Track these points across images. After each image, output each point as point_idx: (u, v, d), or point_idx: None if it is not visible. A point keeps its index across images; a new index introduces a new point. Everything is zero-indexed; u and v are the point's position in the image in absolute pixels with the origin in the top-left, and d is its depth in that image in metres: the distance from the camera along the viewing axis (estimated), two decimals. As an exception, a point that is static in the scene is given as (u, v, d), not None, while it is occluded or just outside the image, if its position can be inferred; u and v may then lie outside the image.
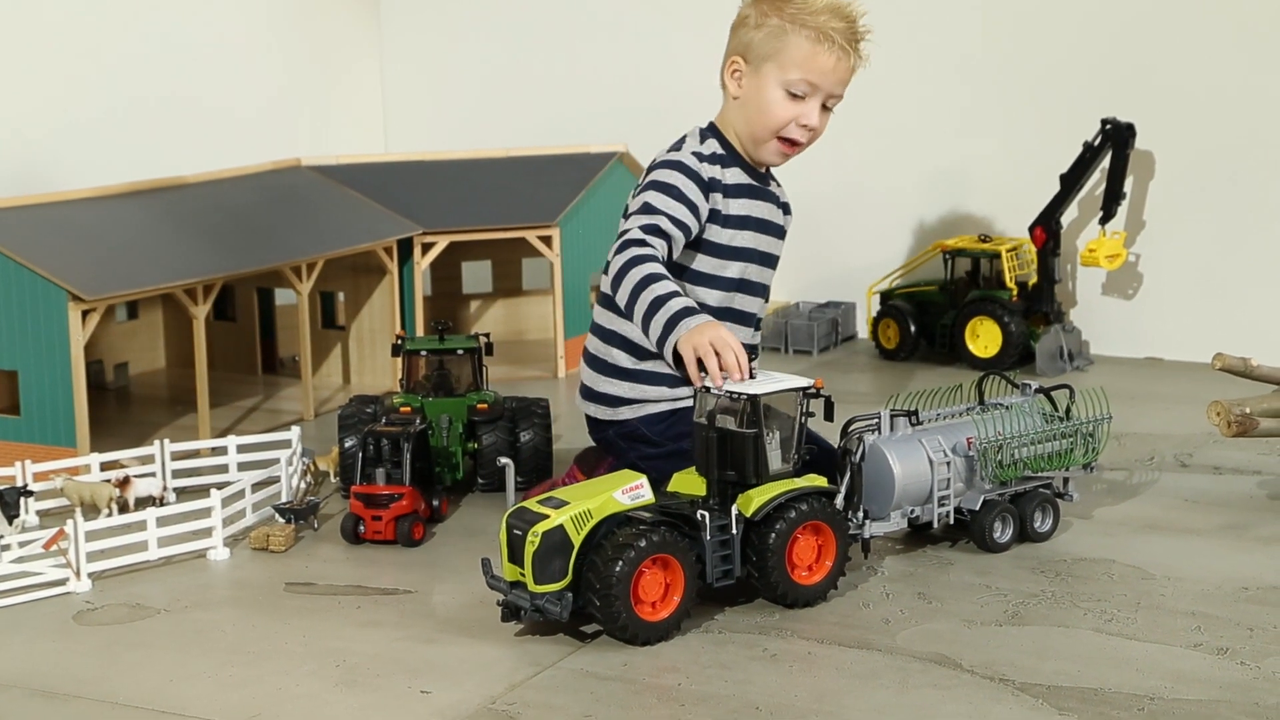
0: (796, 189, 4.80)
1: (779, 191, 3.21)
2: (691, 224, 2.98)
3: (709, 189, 3.03)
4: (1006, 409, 3.04)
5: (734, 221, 3.07)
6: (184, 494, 3.35)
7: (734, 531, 2.64)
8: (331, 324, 4.39)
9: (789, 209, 3.24)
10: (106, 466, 3.33)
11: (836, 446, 2.93)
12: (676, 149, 3.07)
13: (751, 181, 3.11)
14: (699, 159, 3.04)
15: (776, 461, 2.69)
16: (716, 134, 3.10)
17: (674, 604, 2.57)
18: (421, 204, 4.33)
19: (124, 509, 3.19)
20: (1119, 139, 4.31)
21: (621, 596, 2.51)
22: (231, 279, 3.87)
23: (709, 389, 2.71)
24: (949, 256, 4.53)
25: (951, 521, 2.96)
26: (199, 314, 3.65)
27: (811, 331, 4.63)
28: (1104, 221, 4.39)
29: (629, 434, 3.07)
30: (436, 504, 3.19)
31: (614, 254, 2.90)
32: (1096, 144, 4.33)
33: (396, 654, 2.57)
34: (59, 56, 4.33)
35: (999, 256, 4.43)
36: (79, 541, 2.85)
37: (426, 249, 4.27)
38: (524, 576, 2.55)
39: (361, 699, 2.41)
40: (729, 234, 3.07)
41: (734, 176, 3.08)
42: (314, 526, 3.17)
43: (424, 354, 3.48)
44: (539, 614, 2.54)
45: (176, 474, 3.38)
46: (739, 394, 2.66)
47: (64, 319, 3.38)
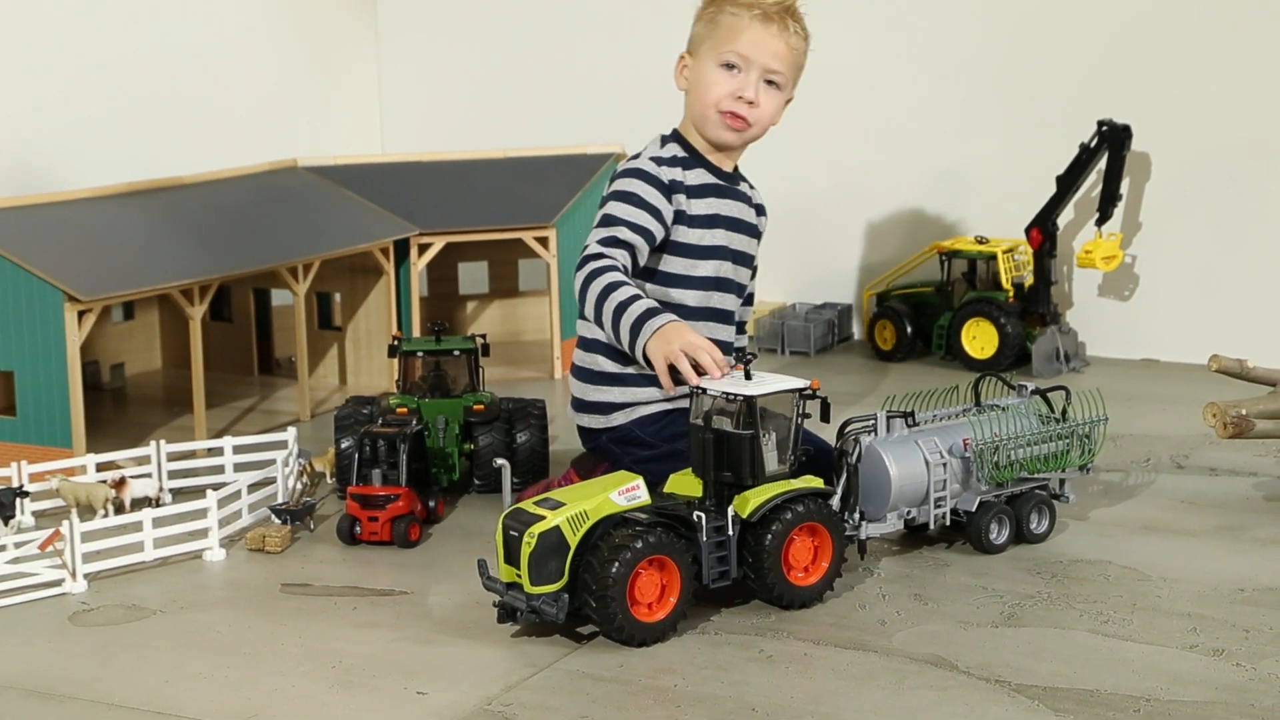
0: (793, 190, 4.86)
1: (751, 192, 3.24)
2: (654, 228, 3.02)
3: (670, 191, 3.07)
4: (1003, 410, 3.04)
5: (701, 221, 3.10)
6: (180, 495, 3.34)
7: (730, 533, 2.64)
8: (328, 325, 4.38)
9: (763, 210, 3.26)
10: (102, 467, 3.33)
11: (833, 447, 2.94)
12: (636, 157, 3.13)
13: (717, 181, 3.15)
14: (658, 163, 3.09)
15: (773, 463, 2.70)
16: (677, 138, 3.16)
17: (670, 605, 2.57)
18: (418, 205, 4.33)
19: (120, 510, 3.19)
20: (1115, 140, 4.31)
21: (618, 598, 2.51)
22: (228, 280, 3.87)
23: (704, 390, 2.71)
24: (945, 258, 4.53)
25: (948, 523, 2.96)
26: (195, 315, 3.65)
27: (808, 333, 4.63)
28: (1100, 223, 4.39)
29: (622, 438, 3.07)
30: (433, 505, 3.19)
31: (576, 270, 2.97)
32: (1093, 145, 4.33)
33: (393, 655, 2.57)
34: (56, 57, 4.33)
35: (995, 258, 4.43)
36: (75, 542, 2.85)
37: (423, 250, 4.27)
38: (520, 578, 2.55)
39: (358, 700, 2.41)
40: (698, 234, 3.10)
41: (697, 177, 3.12)
42: (310, 527, 3.17)
43: (420, 355, 3.48)
44: (535, 615, 2.54)
45: (172, 475, 3.37)
46: (735, 395, 2.66)
47: (60, 319, 3.38)
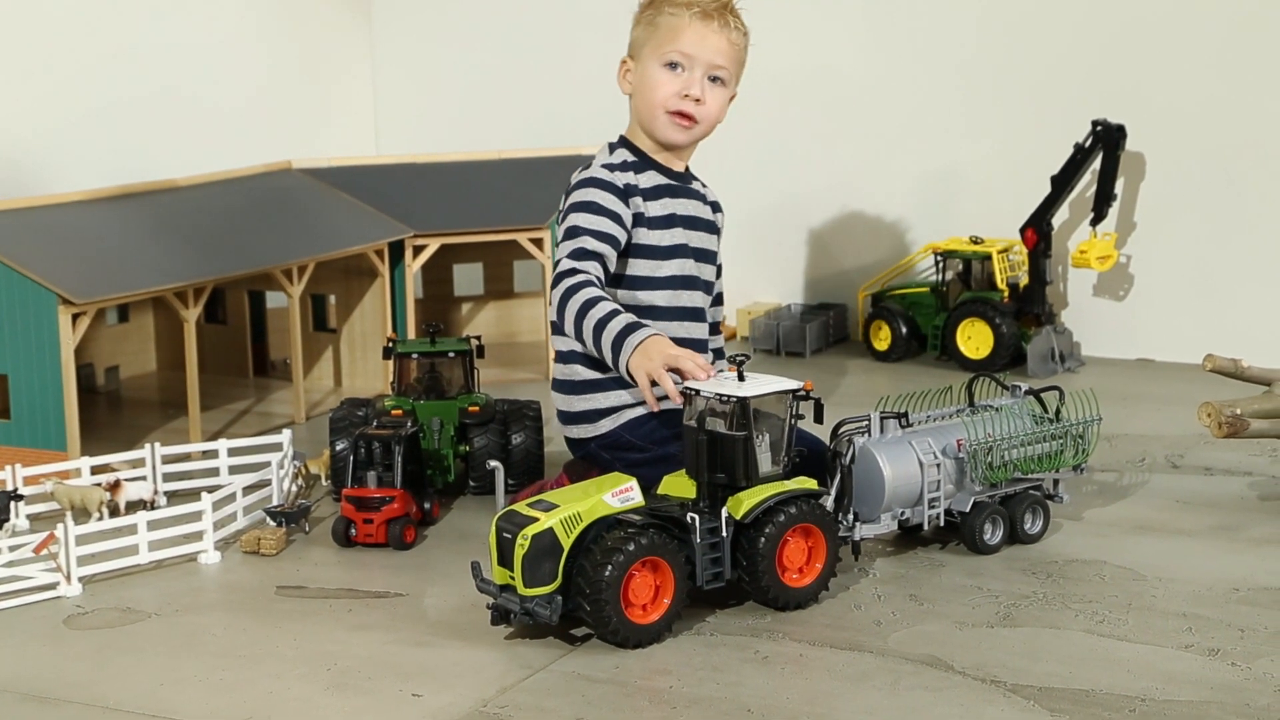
0: (789, 190, 4.86)
1: (704, 190, 3.25)
2: (618, 233, 3.04)
3: (626, 195, 3.08)
4: (996, 411, 3.04)
5: (659, 221, 3.12)
6: (175, 497, 3.34)
7: (724, 534, 2.64)
8: (323, 327, 4.38)
9: (719, 207, 3.28)
10: (97, 470, 3.32)
11: (827, 448, 2.94)
12: (587, 167, 3.14)
13: (669, 181, 3.17)
14: (610, 169, 3.10)
15: (766, 464, 2.69)
16: (625, 144, 3.18)
17: (664, 606, 2.57)
18: (413, 206, 4.32)
19: (115, 513, 3.19)
20: (1109, 140, 4.31)
21: (611, 600, 2.51)
22: (222, 282, 3.87)
23: (698, 392, 2.71)
24: (940, 258, 4.53)
25: (942, 523, 2.96)
26: (190, 317, 3.65)
27: (803, 333, 4.62)
28: (1095, 223, 4.39)
29: (612, 443, 3.06)
30: (428, 507, 3.18)
31: (550, 288, 2.98)
32: (1087, 145, 4.33)
33: (388, 657, 2.56)
34: (49, 57, 4.32)
35: (990, 258, 4.43)
36: (69, 545, 2.84)
37: (418, 251, 4.27)
38: (514, 580, 2.55)
39: (353, 702, 2.41)
40: (658, 234, 3.11)
41: (649, 180, 3.14)
42: (305, 530, 3.17)
43: (415, 357, 3.47)
44: (529, 617, 2.54)
45: (167, 477, 3.37)
46: (729, 396, 2.66)
47: (54, 322, 3.38)
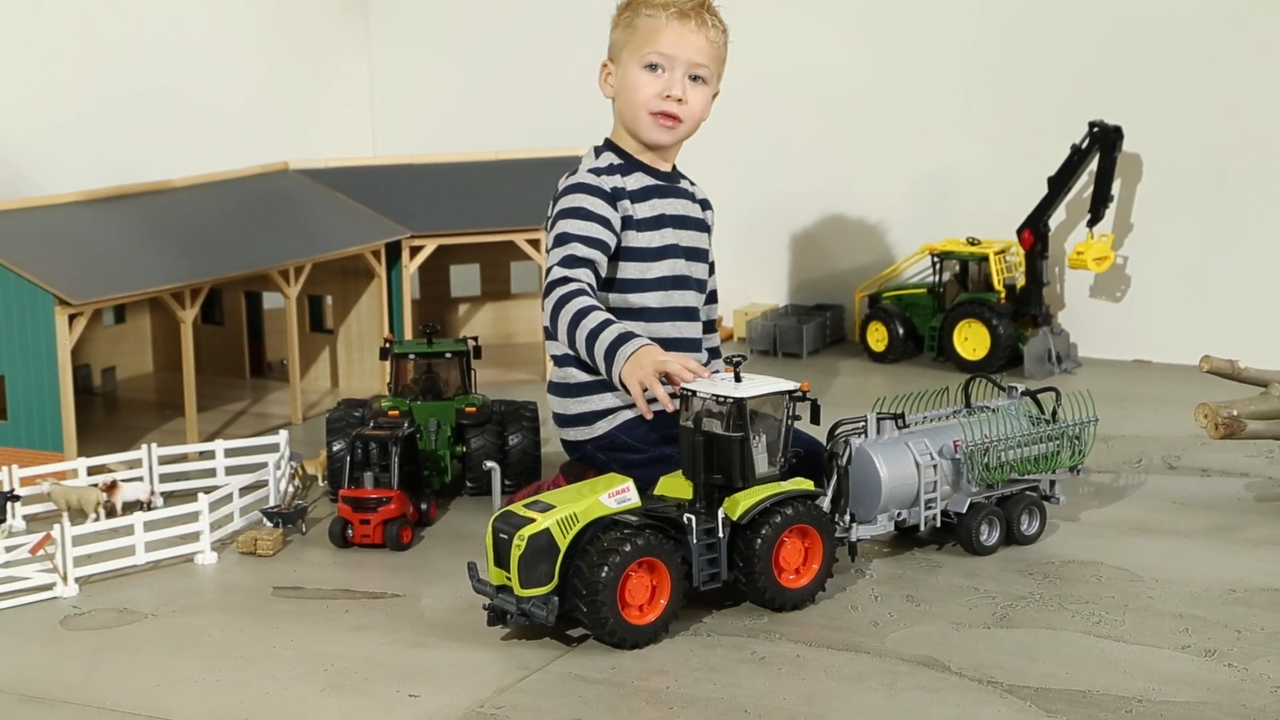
0: (786, 191, 4.86)
1: (693, 188, 3.25)
2: (607, 237, 3.04)
3: (614, 199, 3.08)
4: (993, 412, 3.04)
5: (648, 223, 3.12)
6: (171, 498, 3.34)
7: (721, 535, 2.64)
8: (319, 328, 4.38)
9: (709, 204, 3.28)
10: (94, 471, 3.32)
11: (824, 448, 2.94)
12: (573, 173, 3.14)
13: (656, 182, 3.17)
14: (597, 174, 3.11)
15: (763, 465, 2.69)
16: (611, 147, 3.18)
17: (661, 607, 2.57)
18: (409, 207, 4.32)
19: (111, 513, 3.19)
20: (1106, 142, 4.31)
21: (608, 601, 2.51)
22: (219, 283, 3.87)
23: (694, 393, 2.71)
24: (937, 259, 4.53)
25: (938, 524, 2.96)
26: (186, 318, 3.65)
27: (800, 334, 4.62)
28: (1092, 224, 4.40)
29: (608, 445, 3.06)
30: (425, 507, 3.18)
31: (543, 298, 2.97)
32: (1084, 147, 4.33)
33: (384, 658, 2.56)
34: (45, 57, 4.32)
35: (987, 259, 4.43)
36: (66, 546, 2.84)
37: (415, 252, 4.26)
38: (510, 580, 2.55)
39: (349, 703, 2.40)
40: (647, 236, 3.11)
41: (636, 181, 3.14)
42: (302, 530, 3.17)
43: (412, 357, 3.47)
44: (525, 618, 2.54)
45: (164, 478, 3.37)
46: (725, 397, 2.66)
47: (51, 323, 3.38)
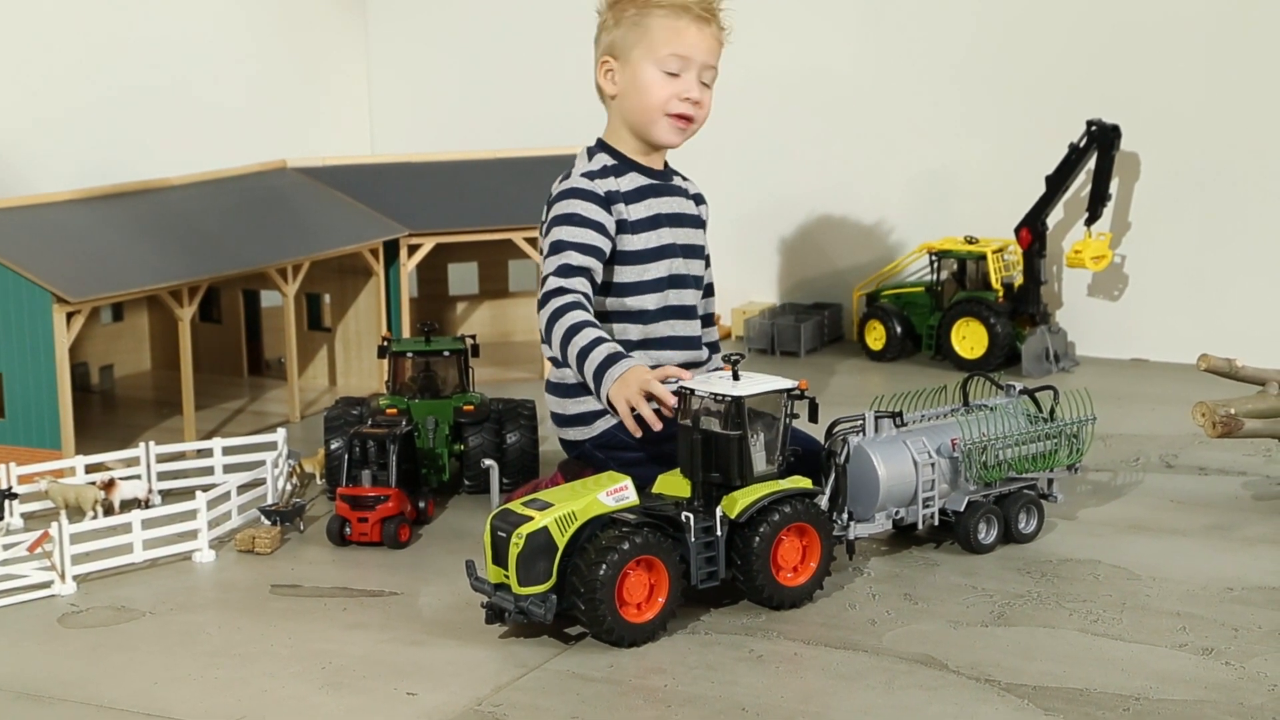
0: (783, 190, 4.86)
1: (686, 184, 3.24)
2: (602, 243, 3.03)
3: (609, 202, 3.07)
4: (991, 410, 3.05)
5: (644, 224, 3.11)
6: (169, 496, 3.34)
7: (719, 533, 2.64)
8: (317, 326, 4.38)
9: (702, 199, 3.27)
10: (91, 469, 3.32)
11: (822, 447, 2.94)
12: (567, 176, 3.12)
13: (650, 181, 3.15)
14: (590, 177, 3.09)
15: (761, 463, 2.69)
16: (604, 147, 3.16)
17: (659, 606, 2.57)
18: (407, 206, 4.32)
19: (109, 511, 3.19)
20: (1104, 140, 4.31)
21: (606, 599, 2.51)
22: (217, 281, 3.86)
23: (693, 391, 2.71)
24: (935, 258, 4.53)
25: (936, 523, 2.96)
26: (184, 316, 3.65)
27: (798, 333, 4.63)
28: (1089, 223, 4.40)
29: (606, 443, 3.06)
30: (422, 506, 3.18)
31: (538, 307, 2.97)
32: (1082, 145, 4.33)
33: (382, 656, 2.56)
34: (41, 55, 4.32)
35: (985, 258, 4.43)
36: (64, 544, 2.84)
37: (413, 250, 4.27)
38: (508, 578, 2.55)
39: (347, 701, 2.40)
40: (643, 237, 3.10)
41: (630, 182, 3.12)
42: (300, 528, 3.17)
43: (410, 356, 3.47)
44: (523, 616, 2.54)
45: (162, 476, 3.37)
46: (723, 396, 2.66)
47: (48, 321, 3.38)
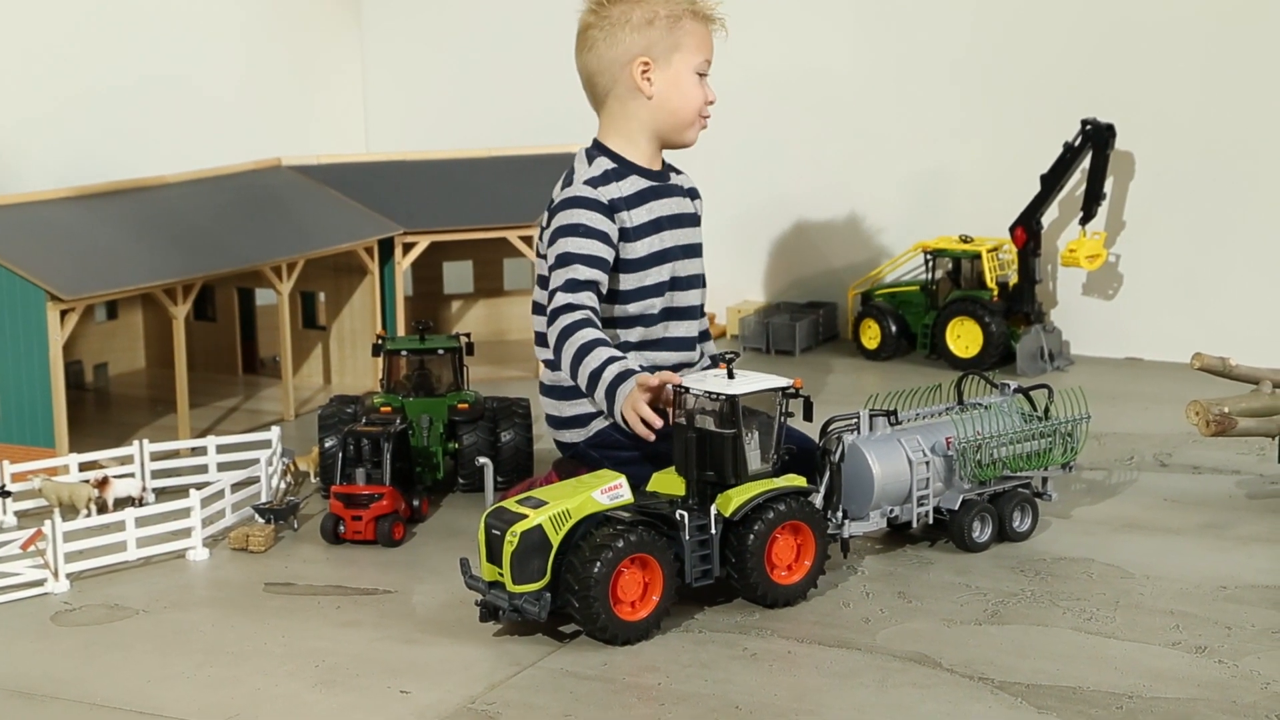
0: (778, 189, 4.86)
1: (681, 179, 3.22)
2: (607, 254, 3.02)
3: (612, 211, 3.05)
4: (985, 409, 3.05)
5: (645, 229, 3.09)
6: (163, 494, 3.34)
7: (713, 531, 2.64)
8: (312, 324, 4.37)
9: (697, 193, 3.25)
10: (85, 467, 3.32)
11: (816, 445, 2.94)
12: (569, 183, 3.09)
13: (650, 183, 3.13)
14: (594, 184, 3.06)
15: (755, 461, 2.70)
16: (603, 150, 3.12)
17: (653, 604, 2.57)
18: (402, 204, 4.32)
19: (103, 509, 3.18)
20: (1099, 140, 4.31)
21: (600, 597, 2.51)
22: (211, 279, 3.86)
23: (688, 390, 2.71)
24: (930, 257, 4.53)
25: (930, 521, 2.96)
26: (179, 314, 3.64)
27: (793, 332, 4.62)
28: (1084, 222, 4.40)
29: (600, 442, 3.05)
30: (417, 504, 3.18)
31: (547, 325, 2.97)
32: (1077, 144, 4.33)
33: (376, 654, 2.56)
34: (36, 53, 4.31)
35: (980, 257, 4.43)
36: (57, 542, 2.84)
37: (407, 249, 4.26)
38: (502, 576, 2.55)
39: (341, 699, 2.40)
40: (645, 243, 3.08)
41: (631, 185, 3.10)
42: (294, 527, 3.16)
43: (404, 354, 3.47)
44: (517, 614, 2.54)
45: (156, 474, 3.37)
46: (718, 394, 2.66)
47: (42, 319, 3.37)
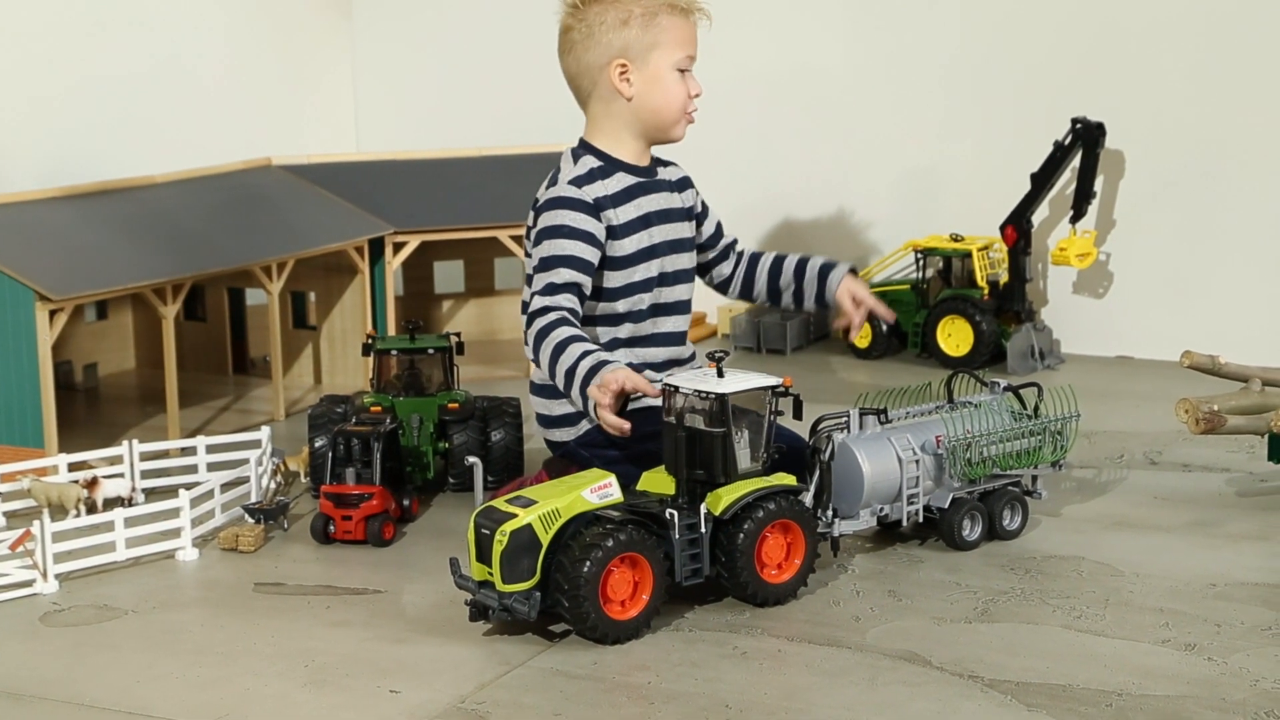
0: (770, 188, 4.86)
1: (669, 172, 3.20)
2: (591, 254, 3.01)
3: (598, 210, 3.04)
4: (975, 407, 3.05)
5: (633, 226, 3.08)
6: (153, 494, 3.33)
7: (703, 530, 2.64)
8: (302, 324, 4.37)
9: (689, 182, 3.23)
10: (74, 467, 3.31)
11: (807, 444, 2.94)
12: (553, 183, 3.08)
13: (637, 180, 3.12)
14: (578, 184, 3.05)
15: (745, 460, 2.70)
16: (588, 149, 3.12)
17: (643, 603, 2.57)
18: (393, 203, 4.32)
19: (92, 510, 3.18)
20: (1089, 138, 4.31)
21: (590, 596, 2.51)
22: (201, 279, 3.86)
23: (678, 388, 2.71)
24: (920, 255, 4.53)
25: (921, 519, 2.96)
26: (168, 314, 3.64)
27: (784, 330, 4.62)
28: (1074, 220, 4.40)
29: (589, 441, 3.06)
30: (407, 504, 3.18)
31: (525, 327, 2.96)
32: (1067, 143, 4.34)
33: (366, 654, 2.56)
34: (32, 52, 4.31)
35: (970, 255, 4.43)
36: (46, 542, 2.84)
37: (398, 248, 4.26)
38: (492, 576, 2.55)
39: (331, 699, 2.40)
40: (633, 240, 3.08)
41: (618, 183, 3.09)
42: (284, 526, 3.16)
43: (395, 353, 3.47)
44: (507, 613, 2.54)
45: (145, 474, 3.36)
46: (708, 393, 2.66)
47: (31, 319, 3.37)
